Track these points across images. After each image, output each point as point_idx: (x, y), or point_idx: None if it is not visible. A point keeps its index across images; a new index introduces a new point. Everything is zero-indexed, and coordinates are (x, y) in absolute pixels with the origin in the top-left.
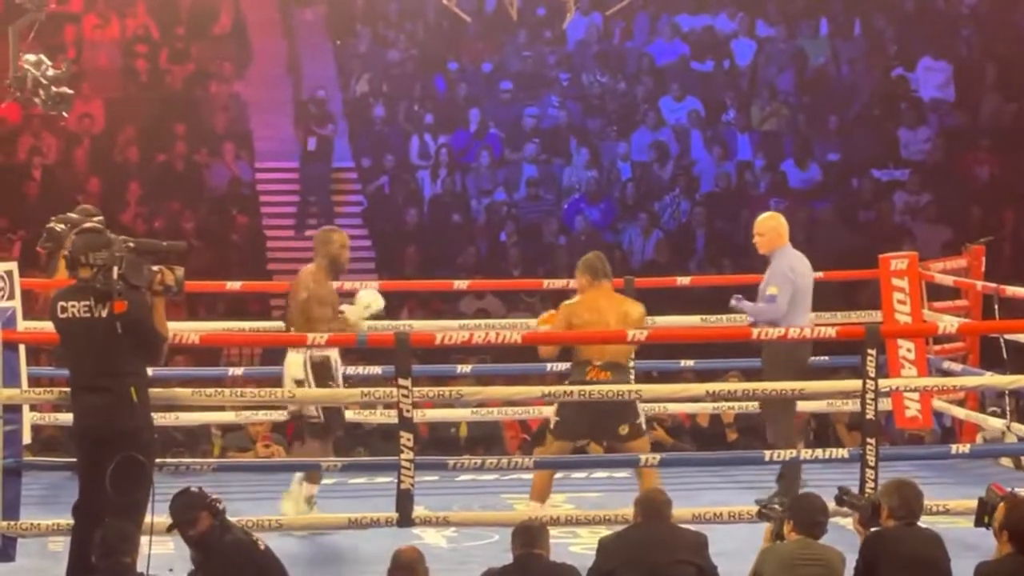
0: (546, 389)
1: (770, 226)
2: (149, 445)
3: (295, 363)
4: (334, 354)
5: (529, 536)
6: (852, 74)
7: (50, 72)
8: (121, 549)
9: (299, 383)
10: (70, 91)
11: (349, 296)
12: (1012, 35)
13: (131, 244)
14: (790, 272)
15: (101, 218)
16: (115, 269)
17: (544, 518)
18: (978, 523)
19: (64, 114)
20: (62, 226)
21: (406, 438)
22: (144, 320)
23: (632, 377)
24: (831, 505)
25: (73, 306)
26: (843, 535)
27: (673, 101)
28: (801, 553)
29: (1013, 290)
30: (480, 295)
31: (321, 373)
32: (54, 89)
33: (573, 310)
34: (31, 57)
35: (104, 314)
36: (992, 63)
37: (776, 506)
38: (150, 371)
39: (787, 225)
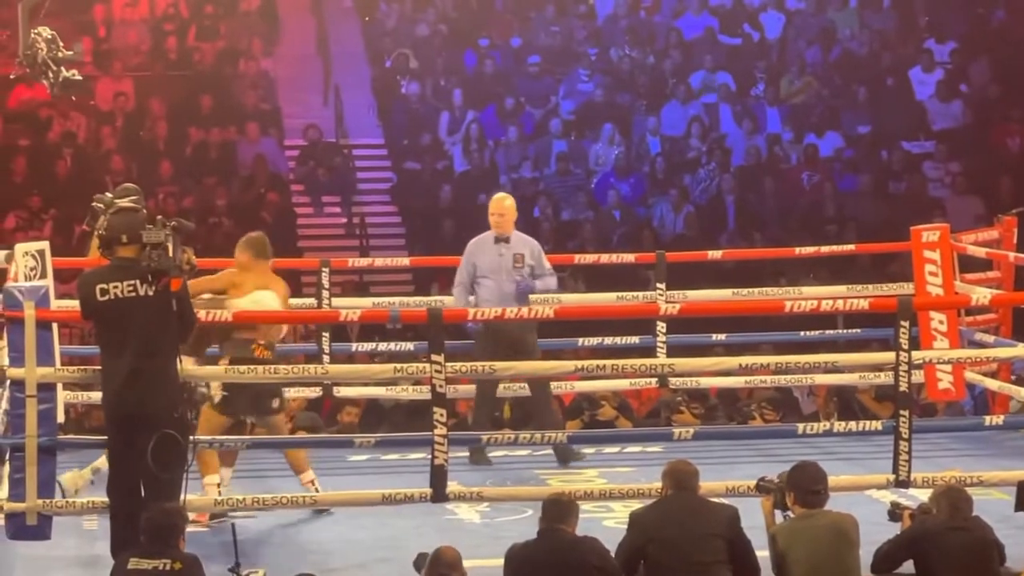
0: (580, 363)
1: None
2: (185, 422)
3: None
4: None
5: (556, 511)
6: (881, 46)
7: (60, 54)
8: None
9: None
10: (79, 77)
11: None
12: None
13: (174, 224)
14: None
15: (138, 196)
16: (170, 247)
17: (576, 492)
18: (1019, 507)
19: (72, 98)
20: (101, 205)
21: (439, 413)
22: (189, 298)
23: None
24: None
25: (115, 287)
26: None
27: (705, 74)
28: (814, 523)
29: None
30: None
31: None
32: (64, 73)
33: (234, 280)
34: (45, 32)
35: (151, 292)
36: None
37: (774, 479)
38: None
39: None
